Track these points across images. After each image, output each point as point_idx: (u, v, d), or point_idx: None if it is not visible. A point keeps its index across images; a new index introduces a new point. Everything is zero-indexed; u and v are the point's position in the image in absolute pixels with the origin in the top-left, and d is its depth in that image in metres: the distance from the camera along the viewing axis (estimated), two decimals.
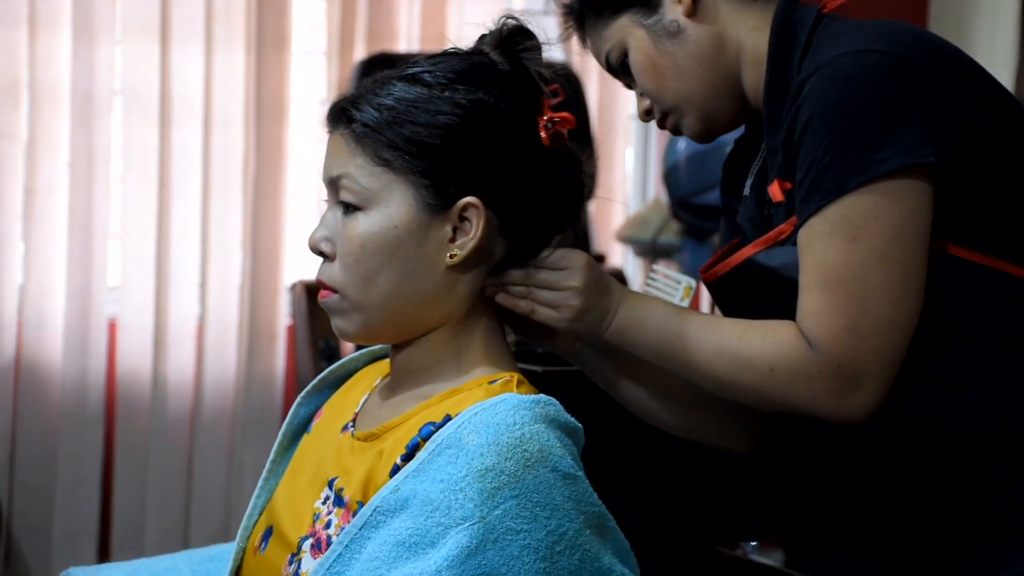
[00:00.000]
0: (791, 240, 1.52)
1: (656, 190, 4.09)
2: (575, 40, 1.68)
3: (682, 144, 3.54)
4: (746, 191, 1.68)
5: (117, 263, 3.47)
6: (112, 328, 3.47)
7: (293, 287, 3.50)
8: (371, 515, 1.30)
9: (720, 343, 1.49)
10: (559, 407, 1.37)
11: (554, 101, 1.45)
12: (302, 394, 1.59)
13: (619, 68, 1.64)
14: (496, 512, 1.27)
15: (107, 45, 3.39)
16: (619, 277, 3.63)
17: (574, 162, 1.47)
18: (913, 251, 1.45)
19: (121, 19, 3.42)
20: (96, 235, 3.41)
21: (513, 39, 1.45)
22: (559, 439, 1.34)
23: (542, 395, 1.36)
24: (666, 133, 1.71)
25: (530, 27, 1.47)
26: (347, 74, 3.59)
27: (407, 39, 3.68)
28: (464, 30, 4.08)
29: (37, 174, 3.36)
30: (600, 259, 3.73)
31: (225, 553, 1.58)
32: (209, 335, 3.54)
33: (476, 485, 1.27)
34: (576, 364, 1.59)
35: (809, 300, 1.46)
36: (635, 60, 1.61)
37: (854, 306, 1.43)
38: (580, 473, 1.34)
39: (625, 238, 3.91)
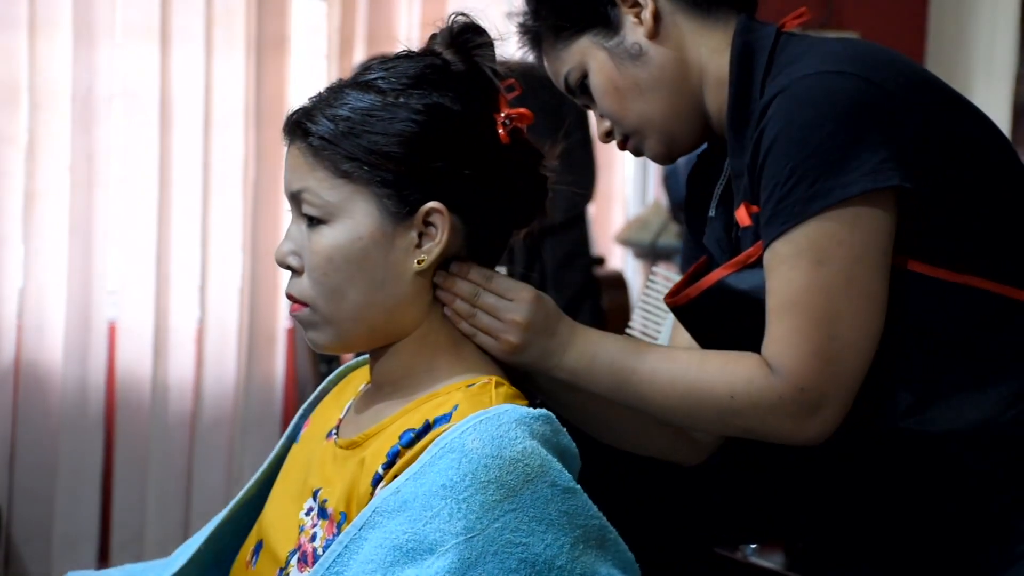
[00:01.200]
0: (760, 263, 1.52)
1: (656, 193, 4.09)
2: None
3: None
4: (711, 212, 1.67)
5: (117, 266, 3.47)
6: (112, 331, 3.47)
7: None
8: (370, 516, 1.30)
9: (675, 374, 1.48)
10: (558, 426, 1.36)
11: (510, 96, 1.44)
12: (303, 407, 1.59)
13: (578, 89, 1.63)
14: (496, 525, 1.26)
15: (107, 48, 3.39)
16: (619, 279, 3.63)
17: (534, 156, 1.45)
18: (877, 273, 1.45)
19: (121, 22, 3.42)
20: (96, 238, 3.41)
21: (464, 36, 1.44)
22: (560, 460, 1.33)
23: (542, 411, 1.35)
24: None
25: (481, 23, 1.45)
26: (347, 77, 3.59)
27: (407, 41, 3.67)
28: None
29: (37, 177, 3.36)
30: (600, 262, 3.73)
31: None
32: (209, 338, 3.54)
33: (478, 497, 1.26)
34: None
35: (774, 325, 1.46)
36: (596, 82, 1.60)
37: (819, 330, 1.43)
38: (579, 487, 1.33)
39: (625, 240, 3.91)
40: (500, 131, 1.41)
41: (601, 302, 3.38)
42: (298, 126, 1.40)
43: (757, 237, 1.52)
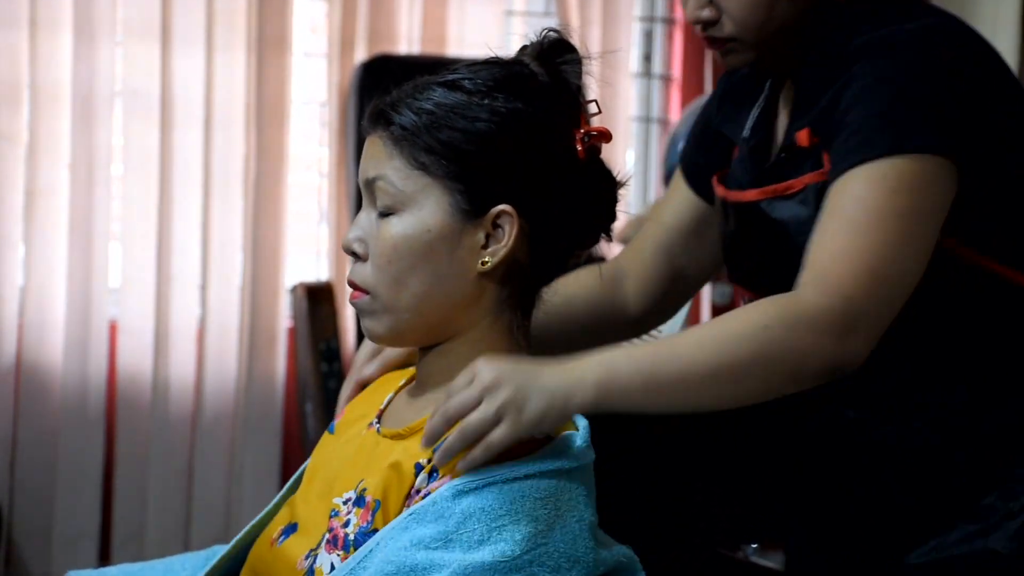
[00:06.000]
0: (797, 198, 1.52)
1: (657, 192, 4.09)
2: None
3: (683, 146, 3.53)
4: (745, 133, 1.66)
5: (118, 265, 3.47)
6: (113, 330, 3.48)
7: (294, 289, 3.50)
8: (404, 519, 1.32)
9: (701, 332, 1.42)
10: (590, 467, 1.38)
11: (592, 116, 1.46)
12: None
13: None
14: (526, 557, 1.29)
15: (108, 47, 3.40)
16: None
17: (608, 179, 1.47)
18: (934, 233, 1.45)
19: (122, 21, 3.42)
20: (97, 237, 3.41)
21: (554, 52, 1.46)
22: (587, 492, 1.36)
23: (587, 450, 1.37)
24: (667, 135, 1.71)
25: (572, 41, 1.47)
26: (348, 76, 3.59)
27: (408, 41, 3.68)
28: (465, 32, 4.07)
29: (38, 176, 3.36)
30: (601, 260, 3.73)
31: (222, 552, 1.58)
32: (210, 337, 3.54)
33: (510, 528, 1.29)
34: None
35: (829, 242, 1.42)
36: None
37: (882, 252, 1.41)
38: (596, 519, 1.36)
39: (626, 239, 3.91)
40: (578, 147, 1.42)
41: None
42: (382, 115, 1.42)
43: (805, 167, 1.52)
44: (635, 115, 4.11)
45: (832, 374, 1.41)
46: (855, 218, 1.42)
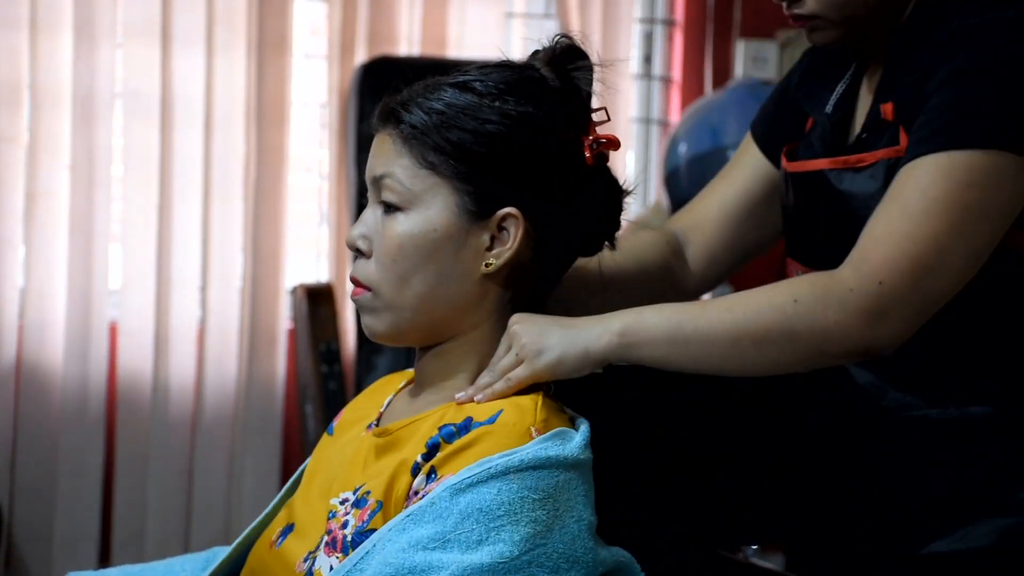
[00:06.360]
0: (868, 172, 1.52)
1: (657, 194, 4.10)
2: None
3: (683, 148, 3.54)
4: (828, 109, 1.66)
5: (118, 266, 3.47)
6: (113, 331, 3.48)
7: (294, 291, 3.50)
8: (401, 520, 1.32)
9: (731, 299, 1.45)
10: (589, 467, 1.38)
11: (600, 124, 1.46)
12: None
13: None
14: (524, 558, 1.29)
15: (108, 48, 3.40)
16: None
17: (615, 186, 1.48)
18: (999, 232, 1.44)
19: (122, 22, 3.42)
20: (97, 238, 3.41)
21: (565, 58, 1.47)
22: (586, 493, 1.36)
23: (578, 444, 1.36)
24: (667, 137, 1.72)
25: (584, 48, 1.48)
26: (348, 78, 3.59)
27: (408, 43, 3.68)
28: (465, 34, 4.06)
29: (38, 177, 3.36)
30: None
31: (222, 554, 1.58)
32: (210, 338, 3.54)
33: (508, 528, 1.29)
34: None
35: (880, 225, 1.42)
36: None
37: (929, 241, 1.40)
38: (595, 519, 1.36)
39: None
40: (587, 153, 1.43)
41: None
42: (392, 114, 1.43)
43: (881, 142, 1.52)
44: (635, 117, 4.11)
45: (858, 356, 1.42)
46: (913, 206, 1.41)
